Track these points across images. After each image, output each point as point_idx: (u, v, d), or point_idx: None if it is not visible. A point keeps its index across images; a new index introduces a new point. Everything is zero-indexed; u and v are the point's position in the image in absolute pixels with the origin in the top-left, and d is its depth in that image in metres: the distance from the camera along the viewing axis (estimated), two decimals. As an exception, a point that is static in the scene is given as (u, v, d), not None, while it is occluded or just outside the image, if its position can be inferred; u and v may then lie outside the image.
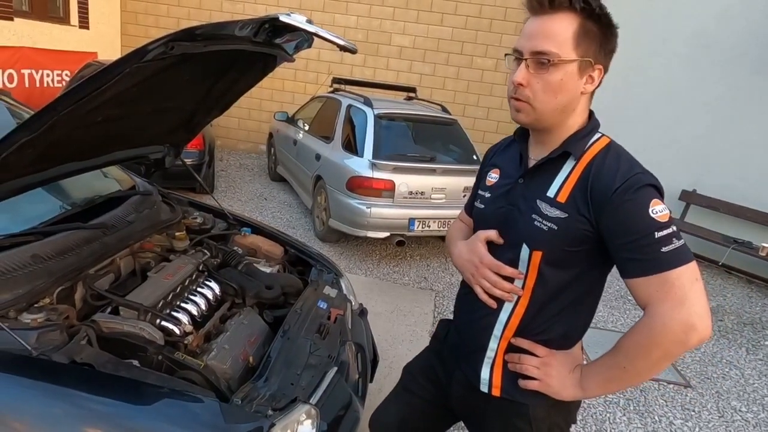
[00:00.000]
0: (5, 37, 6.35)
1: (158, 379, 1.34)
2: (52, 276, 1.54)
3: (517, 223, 1.11)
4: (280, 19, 1.40)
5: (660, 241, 0.93)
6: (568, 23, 0.99)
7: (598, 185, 0.99)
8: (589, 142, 1.07)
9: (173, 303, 1.72)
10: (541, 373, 1.10)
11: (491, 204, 1.20)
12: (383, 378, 2.80)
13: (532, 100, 1.03)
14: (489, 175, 1.26)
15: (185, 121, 2.13)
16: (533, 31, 1.02)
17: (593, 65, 1.02)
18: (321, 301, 2.01)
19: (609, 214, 0.97)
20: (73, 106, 1.21)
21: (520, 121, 1.09)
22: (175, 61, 1.35)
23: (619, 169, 0.99)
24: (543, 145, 1.12)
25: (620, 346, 1.01)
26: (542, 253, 1.06)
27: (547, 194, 1.06)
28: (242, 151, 8.75)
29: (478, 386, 1.19)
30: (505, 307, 1.14)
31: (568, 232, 1.03)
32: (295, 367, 1.59)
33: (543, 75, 1.01)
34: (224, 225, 2.46)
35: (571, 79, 1.01)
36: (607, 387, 1.06)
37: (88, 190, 2.13)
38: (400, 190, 4.33)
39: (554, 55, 0.99)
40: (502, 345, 1.16)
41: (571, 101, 1.04)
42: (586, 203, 1.01)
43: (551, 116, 1.05)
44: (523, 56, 1.03)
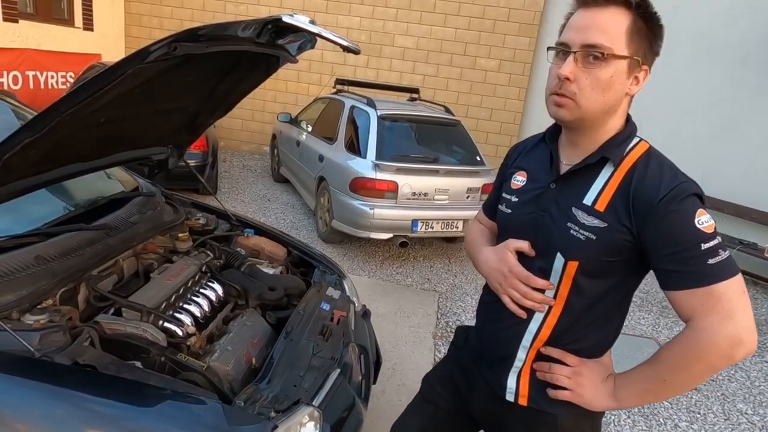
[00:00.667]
0: (10, 38, 6.38)
1: (161, 380, 1.34)
2: (55, 277, 1.54)
3: (551, 232, 1.05)
4: (283, 19, 1.40)
5: (706, 252, 0.90)
6: (621, 18, 0.94)
7: (642, 194, 0.95)
8: (627, 148, 1.02)
9: (176, 304, 1.72)
10: (573, 383, 1.06)
11: (519, 209, 1.15)
12: (386, 380, 2.79)
13: (578, 96, 0.97)
14: (514, 177, 1.20)
15: (188, 122, 2.13)
16: (584, 24, 0.96)
17: (641, 65, 0.97)
18: (324, 302, 2.00)
19: (653, 224, 0.94)
20: (76, 107, 1.21)
21: (561, 117, 1.02)
22: (178, 62, 1.34)
23: (663, 178, 0.95)
24: (576, 147, 1.07)
25: (660, 358, 0.98)
26: (578, 263, 1.02)
27: (584, 202, 1.02)
28: (245, 153, 8.76)
29: (502, 395, 1.15)
30: (535, 317, 1.09)
31: (607, 242, 0.98)
32: (298, 369, 1.59)
33: (593, 70, 0.95)
34: (227, 226, 2.46)
35: (620, 77, 0.96)
36: (643, 398, 1.03)
37: (92, 191, 2.14)
38: (403, 191, 4.32)
39: (607, 49, 0.93)
40: (531, 355, 1.12)
41: (616, 101, 0.99)
42: (628, 213, 0.96)
43: (594, 116, 1.00)
44: (570, 49, 0.97)
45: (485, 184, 4.63)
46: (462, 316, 3.82)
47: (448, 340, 3.42)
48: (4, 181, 1.41)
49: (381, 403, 2.61)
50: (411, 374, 2.90)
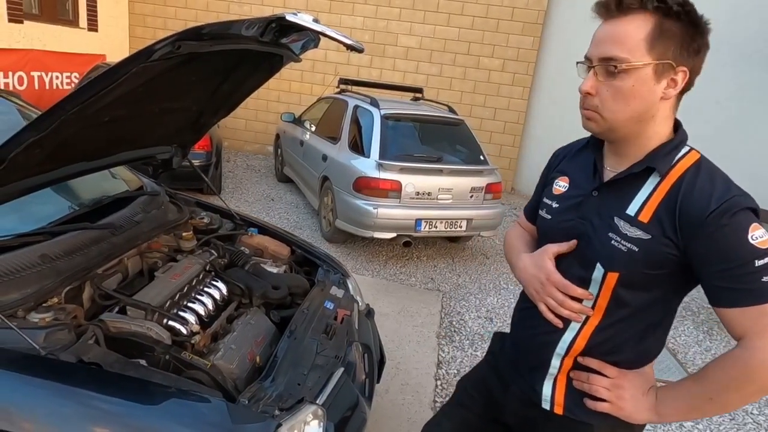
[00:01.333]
0: (15, 39, 6.42)
1: (165, 378, 1.34)
2: (60, 276, 1.54)
3: (591, 241, 1.03)
4: (286, 18, 1.40)
5: (761, 270, 0.87)
6: (640, 25, 0.92)
7: (690, 207, 0.92)
8: (675, 157, 0.99)
9: (180, 303, 1.72)
10: (613, 395, 1.03)
11: (559, 215, 1.12)
12: (390, 379, 2.79)
13: (601, 109, 0.97)
14: (556, 182, 1.18)
15: (192, 121, 2.14)
16: (602, 37, 0.96)
17: (674, 67, 0.93)
18: (328, 301, 2.00)
19: (702, 239, 0.91)
20: (81, 106, 1.21)
21: (591, 129, 1.02)
22: (182, 60, 1.35)
23: (714, 190, 0.92)
24: (620, 156, 1.04)
25: (708, 375, 0.95)
26: (618, 275, 0.99)
27: (627, 212, 0.99)
28: (249, 153, 8.78)
29: (538, 402, 1.14)
30: (571, 326, 1.07)
31: (649, 254, 0.96)
32: (302, 368, 1.59)
33: (612, 82, 0.95)
34: (231, 225, 2.46)
35: (644, 84, 0.94)
36: (687, 415, 0.99)
37: (96, 190, 2.14)
38: (407, 191, 4.32)
39: (623, 60, 0.92)
40: (566, 363, 1.10)
41: (647, 108, 0.96)
42: (674, 225, 0.94)
43: (625, 125, 0.98)
44: (591, 64, 0.97)
45: (489, 183, 4.62)
46: (465, 315, 3.82)
47: (452, 339, 3.42)
48: (9, 179, 1.41)
49: (384, 402, 2.61)
50: (414, 374, 2.90)
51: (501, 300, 4.17)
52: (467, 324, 3.68)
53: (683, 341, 3.77)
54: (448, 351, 3.26)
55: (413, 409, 2.61)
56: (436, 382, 2.85)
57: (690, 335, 3.87)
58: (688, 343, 3.75)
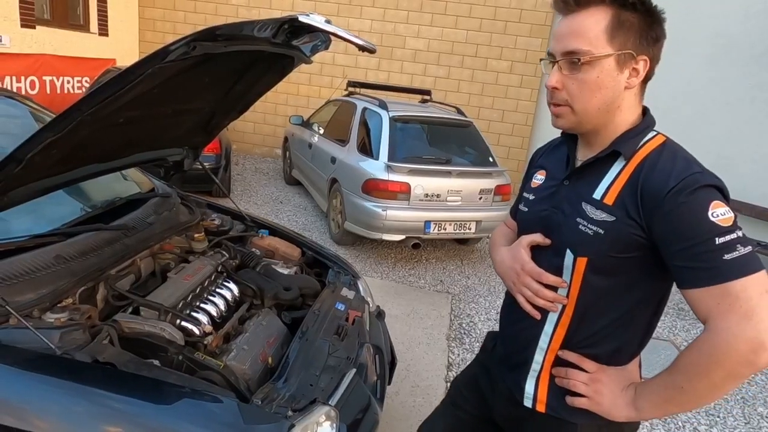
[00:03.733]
0: (27, 44, 6.49)
1: (179, 378, 1.34)
2: (75, 276, 1.56)
3: (561, 227, 1.04)
4: (299, 19, 1.40)
5: (722, 248, 0.85)
6: (599, 17, 0.94)
7: (650, 185, 0.92)
8: (641, 141, 1.00)
9: (193, 304, 1.73)
10: (591, 390, 1.02)
11: (534, 206, 1.15)
12: (400, 381, 2.78)
13: (571, 102, 0.99)
14: (534, 176, 1.20)
15: (204, 123, 2.15)
16: (562, 32, 0.98)
17: (635, 57, 0.95)
18: (339, 302, 2.00)
19: (662, 217, 0.90)
20: (97, 107, 1.22)
21: (561, 126, 1.04)
22: (196, 61, 1.35)
23: (674, 169, 0.92)
24: (591, 146, 1.06)
25: (678, 364, 0.93)
26: (587, 260, 0.99)
27: (593, 196, 1.00)
28: (258, 155, 8.82)
29: (521, 400, 1.13)
30: (549, 317, 1.07)
31: (615, 236, 0.96)
32: (314, 369, 1.59)
33: (577, 75, 0.96)
34: (242, 227, 2.47)
35: (608, 75, 0.95)
36: (664, 408, 0.96)
37: (109, 192, 2.16)
38: (416, 193, 4.31)
39: (585, 53, 0.94)
40: (548, 358, 1.09)
41: (614, 98, 0.98)
42: (636, 205, 0.94)
43: (594, 117, 1.00)
44: (555, 59, 0.99)
45: (498, 185, 4.60)
46: (475, 317, 3.80)
47: (462, 342, 3.40)
48: (26, 180, 1.43)
49: (395, 404, 2.61)
50: (425, 375, 2.89)
51: (511, 302, 4.14)
52: (477, 326, 3.66)
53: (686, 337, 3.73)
54: (458, 353, 3.24)
55: (424, 411, 2.60)
56: (447, 384, 2.84)
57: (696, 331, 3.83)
58: (700, 346, 3.70)
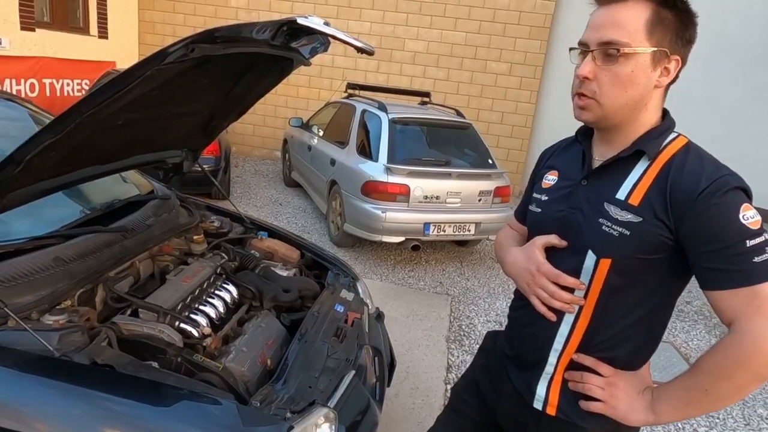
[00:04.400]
0: (27, 47, 6.50)
1: (177, 380, 1.34)
2: (74, 278, 1.56)
3: (582, 228, 1.02)
4: (297, 21, 1.41)
5: (752, 250, 0.85)
6: (639, 11, 0.92)
7: (680, 187, 0.91)
8: (664, 142, 0.99)
9: (192, 306, 1.73)
10: (607, 394, 1.00)
11: (549, 207, 1.11)
12: (399, 383, 2.78)
13: (598, 95, 0.96)
14: (545, 177, 1.17)
15: (203, 125, 2.15)
16: (601, 21, 0.95)
17: (669, 56, 0.94)
18: (338, 304, 2.00)
19: (692, 219, 0.89)
20: (95, 109, 1.22)
21: (585, 119, 1.01)
22: (195, 63, 1.36)
23: (703, 171, 0.91)
24: (610, 144, 1.04)
25: (701, 366, 0.92)
26: (611, 261, 0.97)
27: (617, 196, 0.98)
28: (257, 158, 8.82)
29: (530, 402, 1.11)
30: (565, 319, 1.05)
31: (642, 237, 0.94)
32: (313, 371, 1.58)
33: (611, 67, 0.94)
34: (241, 229, 2.47)
35: (642, 71, 0.93)
36: (684, 412, 0.95)
37: (108, 194, 2.16)
38: (415, 195, 4.31)
39: (624, 45, 0.92)
40: (563, 361, 1.07)
41: (643, 96, 0.96)
42: (665, 207, 0.92)
43: (620, 112, 0.97)
44: (589, 48, 0.96)
45: (497, 187, 4.61)
46: (475, 319, 3.80)
47: (461, 343, 3.40)
48: (25, 182, 1.43)
49: (395, 406, 2.60)
50: (424, 377, 2.88)
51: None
52: (476, 328, 3.66)
53: (695, 345, 3.73)
54: (458, 355, 3.24)
55: (423, 413, 2.59)
56: (446, 386, 2.84)
57: (702, 339, 3.83)
58: (700, 348, 3.70)
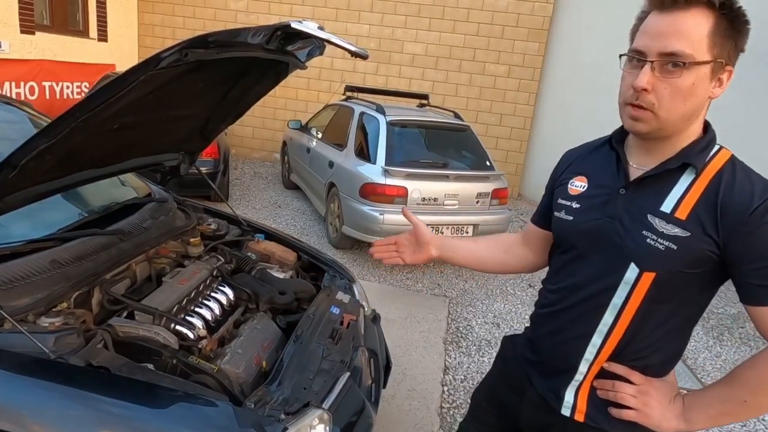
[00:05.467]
0: (27, 50, 6.52)
1: (173, 382, 1.35)
2: (70, 281, 1.57)
3: (623, 240, 0.99)
4: (292, 26, 1.42)
5: None
6: (702, 20, 0.88)
7: (731, 203, 0.90)
8: (709, 154, 0.96)
9: (188, 308, 1.74)
10: (640, 402, 1.00)
11: (582, 215, 1.07)
12: (396, 385, 2.78)
13: (657, 107, 0.91)
14: (572, 182, 1.12)
15: (200, 128, 2.16)
16: (661, 29, 0.90)
17: (724, 66, 0.92)
18: (334, 306, 2.01)
19: (743, 235, 0.88)
20: (90, 113, 1.23)
21: (638, 130, 0.96)
22: (189, 68, 1.37)
23: (755, 188, 0.90)
24: (650, 153, 1.00)
25: (740, 377, 0.93)
26: (655, 275, 0.95)
27: (662, 209, 0.95)
28: (256, 160, 8.84)
29: (558, 408, 1.10)
30: (599, 329, 1.03)
31: (688, 252, 0.92)
32: (308, 372, 1.59)
33: (672, 79, 0.89)
34: (238, 231, 2.48)
35: (702, 83, 0.90)
36: (718, 421, 0.96)
37: (106, 197, 2.17)
38: (413, 197, 4.33)
39: (689, 57, 0.88)
40: (593, 369, 1.06)
41: (699, 108, 0.94)
42: (715, 222, 0.91)
43: (675, 125, 0.94)
44: (646, 58, 0.91)
45: (495, 189, 4.62)
46: (472, 321, 3.81)
47: (459, 345, 3.41)
48: (21, 186, 1.44)
49: (391, 408, 2.61)
50: (421, 379, 2.89)
51: (508, 306, 4.15)
52: (474, 330, 3.67)
53: (693, 347, 3.74)
54: (455, 357, 3.25)
55: (420, 414, 2.60)
56: (443, 388, 2.85)
57: (700, 341, 3.84)
58: (698, 349, 3.71)
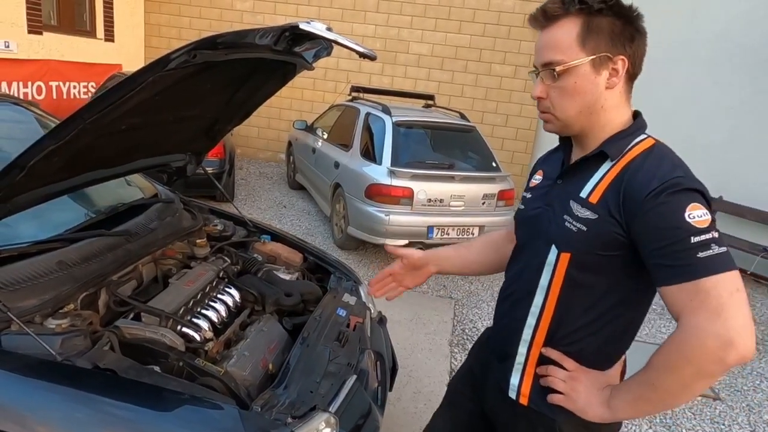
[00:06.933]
0: (34, 50, 6.55)
1: (179, 385, 1.34)
2: (77, 282, 1.56)
3: (550, 224, 1.09)
4: (300, 27, 1.41)
5: (696, 246, 0.87)
6: (570, 27, 0.99)
7: (633, 186, 0.95)
8: (630, 143, 1.03)
9: (194, 310, 1.73)
10: (568, 387, 1.05)
11: (530, 204, 1.20)
12: (402, 387, 2.77)
13: (553, 109, 1.05)
14: (534, 177, 1.26)
15: (206, 129, 2.16)
16: (540, 45, 1.05)
17: (611, 58, 0.99)
18: (340, 308, 2.00)
19: (641, 216, 0.92)
20: (98, 115, 1.23)
21: (549, 131, 1.11)
22: (197, 69, 1.36)
23: (658, 171, 0.94)
24: (582, 148, 1.11)
25: (651, 361, 0.95)
26: (570, 256, 1.03)
27: (580, 194, 1.04)
28: (262, 160, 8.85)
29: (507, 392, 1.17)
30: (532, 311, 1.11)
31: (597, 234, 0.99)
32: (315, 375, 1.58)
33: (556, 84, 1.02)
34: (244, 232, 2.48)
35: (585, 79, 1.00)
36: (637, 407, 0.98)
37: (112, 197, 2.17)
38: (419, 198, 4.31)
39: (560, 62, 1.00)
40: (533, 352, 1.12)
41: (594, 101, 1.02)
42: (618, 204, 0.96)
43: (577, 119, 1.04)
44: (537, 71, 1.06)
45: (501, 190, 4.60)
46: (478, 323, 3.79)
47: (465, 347, 3.39)
48: (28, 187, 1.44)
49: (397, 411, 2.60)
50: (427, 381, 2.88)
51: (514, 308, 4.13)
52: (480, 332, 3.64)
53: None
54: (461, 359, 3.23)
55: (425, 417, 2.57)
56: (449, 391, 2.83)
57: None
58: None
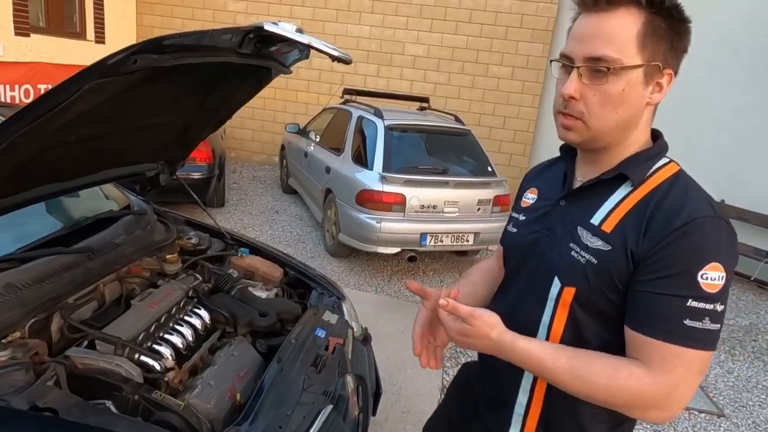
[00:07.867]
0: (22, 53, 6.43)
1: (129, 426, 1.21)
2: (26, 306, 1.43)
3: (551, 252, 0.93)
4: (265, 28, 1.28)
5: (688, 311, 0.77)
6: (630, 21, 0.81)
7: (658, 217, 0.81)
8: (652, 168, 0.89)
9: (156, 335, 1.59)
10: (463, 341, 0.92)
11: (525, 228, 1.03)
12: (390, 406, 2.64)
13: (586, 116, 0.85)
14: (525, 195, 1.10)
15: (178, 136, 2.03)
16: (586, 32, 0.84)
17: (662, 70, 0.84)
18: (319, 328, 1.87)
19: (659, 247, 0.79)
20: (29, 127, 1.09)
21: (570, 140, 0.91)
22: (150, 75, 1.23)
23: (683, 209, 0.80)
24: (593, 165, 0.94)
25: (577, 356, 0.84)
26: (575, 291, 0.88)
27: (591, 221, 0.89)
28: (256, 163, 8.71)
29: None
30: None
31: (608, 268, 0.84)
32: (286, 407, 1.45)
33: (600, 86, 0.83)
34: (221, 245, 2.34)
35: (634, 89, 0.83)
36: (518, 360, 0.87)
37: (77, 210, 2.04)
38: (411, 204, 4.18)
39: (614, 61, 0.81)
40: (535, 400, 0.97)
41: (634, 115, 0.86)
42: (637, 239, 0.82)
43: (609, 134, 0.87)
44: (573, 63, 0.85)
45: (497, 195, 4.47)
46: (473, 334, 3.65)
47: (458, 361, 3.26)
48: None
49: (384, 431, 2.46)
50: (417, 400, 2.74)
51: (510, 317, 4.00)
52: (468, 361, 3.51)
53: (703, 362, 3.57)
54: (453, 374, 3.09)
55: (415, 439, 2.45)
56: (440, 409, 2.70)
57: (711, 356, 3.67)
58: (708, 365, 3.55)
